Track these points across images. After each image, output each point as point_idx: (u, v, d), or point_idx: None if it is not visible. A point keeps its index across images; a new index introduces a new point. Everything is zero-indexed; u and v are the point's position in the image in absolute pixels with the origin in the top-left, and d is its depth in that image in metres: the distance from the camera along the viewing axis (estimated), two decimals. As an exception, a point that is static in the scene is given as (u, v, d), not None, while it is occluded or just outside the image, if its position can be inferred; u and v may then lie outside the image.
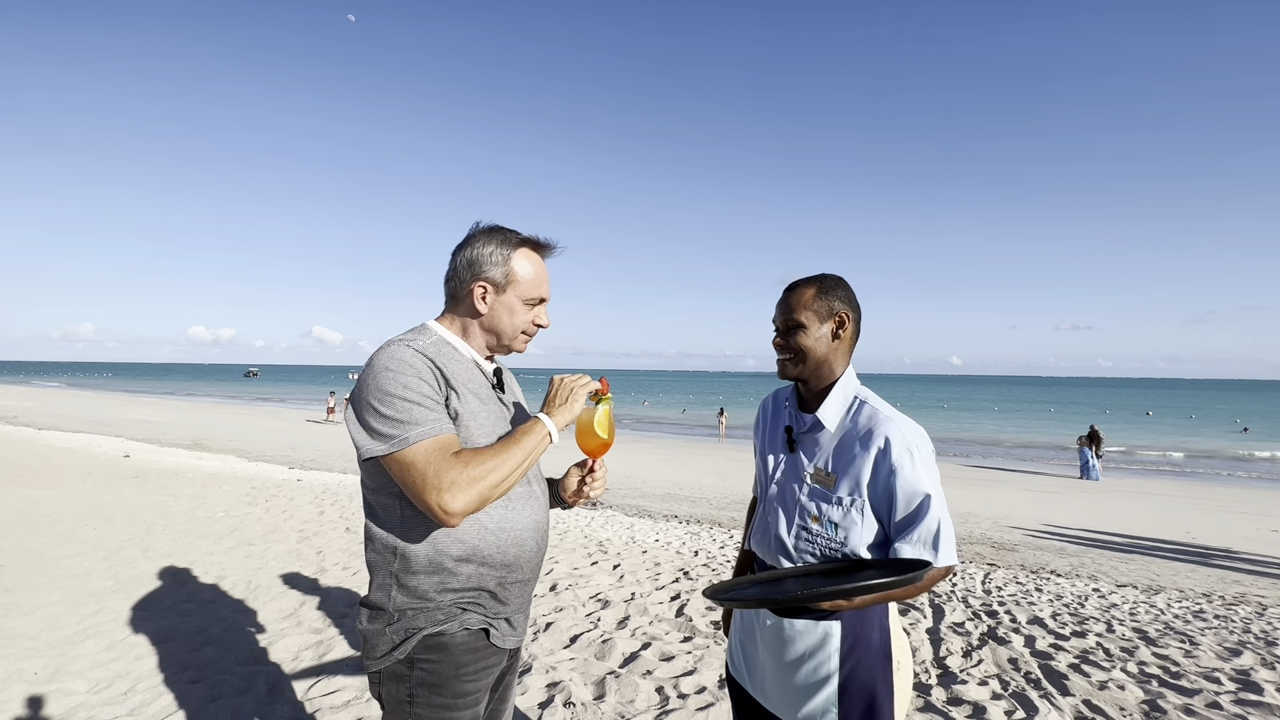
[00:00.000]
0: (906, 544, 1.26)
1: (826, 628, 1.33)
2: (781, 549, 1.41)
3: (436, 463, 1.15)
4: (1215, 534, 9.05)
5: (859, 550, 1.32)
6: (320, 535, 5.46)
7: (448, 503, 1.13)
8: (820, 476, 1.36)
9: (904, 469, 1.27)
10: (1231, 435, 31.81)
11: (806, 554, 1.38)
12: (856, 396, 1.40)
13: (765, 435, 1.56)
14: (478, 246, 1.34)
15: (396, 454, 1.16)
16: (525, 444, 1.25)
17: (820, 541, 1.35)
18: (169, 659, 2.98)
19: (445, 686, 1.24)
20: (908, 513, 1.27)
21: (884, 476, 1.28)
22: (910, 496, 1.27)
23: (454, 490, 1.14)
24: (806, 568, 1.35)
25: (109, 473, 8.63)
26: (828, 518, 1.34)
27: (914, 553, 1.26)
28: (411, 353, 1.24)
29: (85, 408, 25.49)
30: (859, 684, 1.30)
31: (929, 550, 1.25)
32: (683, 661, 3.14)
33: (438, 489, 1.13)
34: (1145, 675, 3.19)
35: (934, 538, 1.25)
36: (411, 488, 1.16)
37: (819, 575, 1.30)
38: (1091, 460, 16.06)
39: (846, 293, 1.41)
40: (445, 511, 1.14)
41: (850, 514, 1.31)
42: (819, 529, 1.35)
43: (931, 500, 1.26)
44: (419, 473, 1.15)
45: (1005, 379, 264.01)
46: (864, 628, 1.33)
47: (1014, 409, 53.14)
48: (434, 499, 1.13)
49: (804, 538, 1.38)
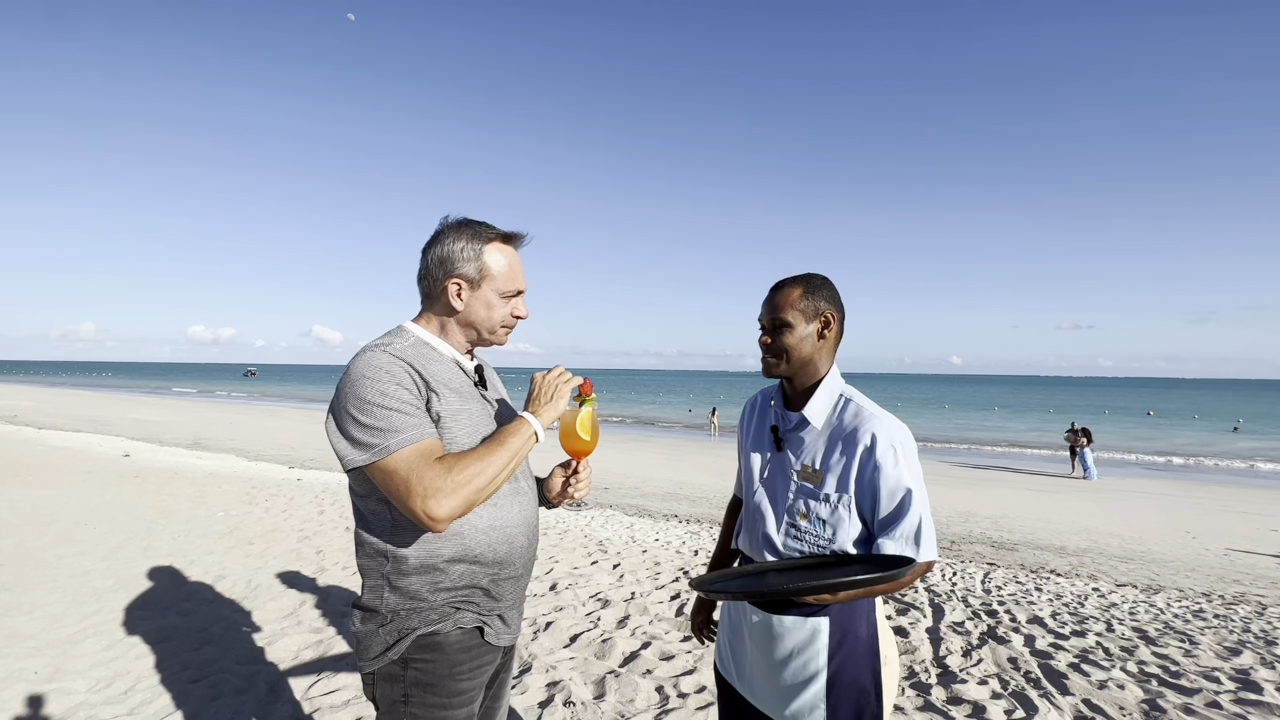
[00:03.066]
0: (890, 540, 1.28)
1: (815, 624, 1.34)
2: (770, 546, 1.43)
3: (419, 470, 1.14)
4: (1215, 534, 9.05)
5: (846, 547, 1.34)
6: (320, 535, 5.46)
7: (432, 509, 1.13)
8: (807, 474, 1.38)
9: (887, 465, 1.29)
10: (1221, 434, 31.79)
11: (795, 551, 1.39)
12: (842, 394, 1.42)
13: (751, 434, 1.58)
14: (448, 243, 1.32)
15: (378, 463, 1.15)
16: (510, 445, 1.24)
17: (809, 538, 1.37)
18: (169, 658, 2.98)
19: (440, 685, 1.24)
20: (891, 509, 1.29)
21: (869, 473, 1.30)
22: (893, 493, 1.29)
23: (438, 496, 1.13)
24: (791, 561, 1.37)
25: (109, 472, 8.63)
26: (815, 515, 1.35)
27: (897, 548, 1.27)
28: (388, 358, 1.22)
29: (85, 407, 25.49)
30: (847, 680, 1.32)
31: (911, 546, 1.27)
32: (682, 661, 3.14)
33: (422, 496, 1.13)
34: (1145, 675, 3.19)
35: (916, 533, 1.27)
36: (395, 495, 1.15)
37: (803, 570, 1.31)
38: (1089, 459, 16.12)
39: (832, 293, 1.43)
40: (431, 518, 1.13)
41: (838, 510, 1.33)
42: (807, 526, 1.37)
43: (913, 496, 1.28)
44: (402, 480, 1.14)
45: (1005, 378, 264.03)
46: (852, 624, 1.34)
47: (1014, 409, 53.13)
48: (418, 506, 1.13)
49: (792, 535, 1.39)
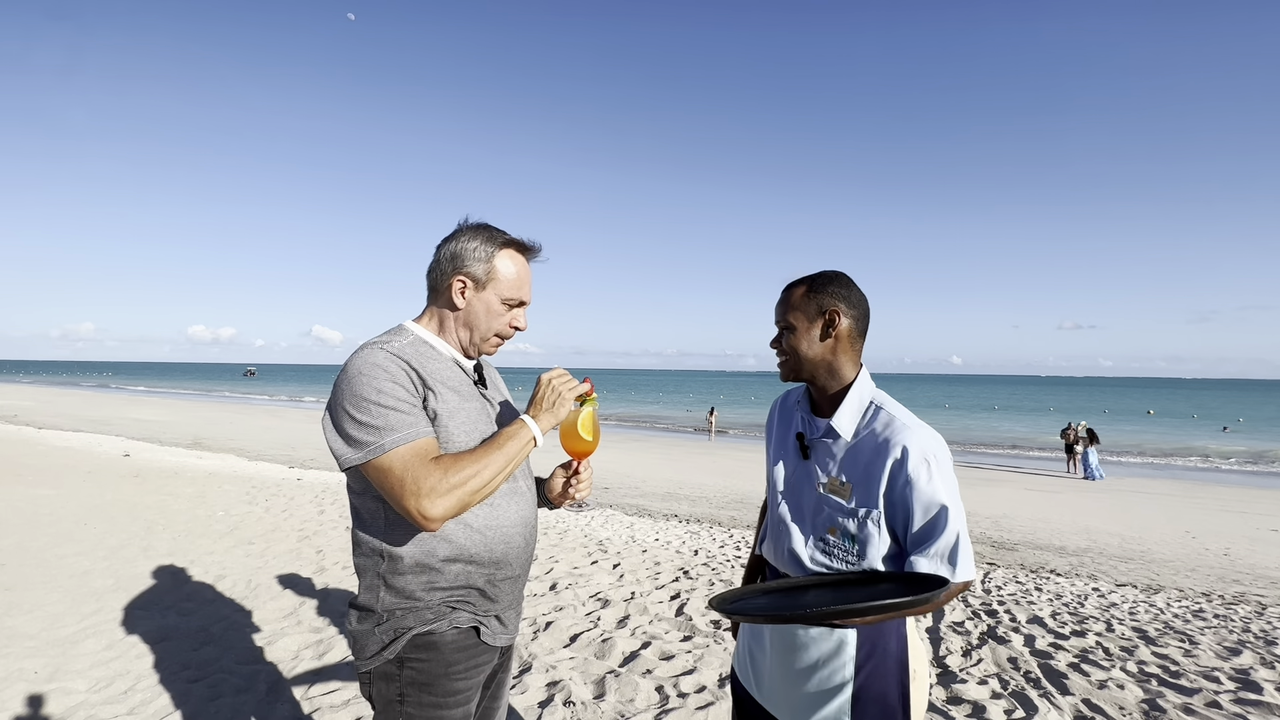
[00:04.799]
0: (923, 558, 1.20)
1: (841, 635, 1.28)
2: (795, 562, 1.36)
3: (415, 469, 1.14)
4: (1215, 534, 9.05)
5: (876, 563, 1.26)
6: (320, 534, 5.46)
7: (427, 509, 1.12)
8: (835, 487, 1.30)
9: (920, 480, 1.20)
10: (1217, 434, 31.75)
11: (822, 567, 1.32)
12: (873, 402, 1.32)
13: (775, 439, 1.49)
14: (463, 241, 1.32)
15: (374, 461, 1.15)
16: (508, 449, 1.23)
17: (837, 554, 1.30)
18: (169, 658, 2.98)
19: (435, 685, 1.23)
20: (924, 525, 1.21)
21: (900, 487, 1.22)
22: (927, 508, 1.20)
23: (433, 496, 1.13)
24: (819, 578, 1.28)
25: (109, 472, 8.63)
26: (844, 530, 1.28)
27: (930, 567, 1.19)
28: (386, 355, 1.21)
29: (85, 407, 25.47)
30: (874, 693, 1.25)
31: (945, 565, 1.18)
32: (682, 660, 3.14)
33: (416, 495, 1.12)
34: (1145, 674, 3.19)
35: (952, 552, 1.18)
36: (390, 494, 1.15)
37: (830, 587, 1.23)
38: (1094, 460, 16.08)
39: (839, 288, 1.33)
40: (425, 517, 1.13)
41: (867, 526, 1.25)
42: (835, 540, 1.29)
43: (949, 513, 1.19)
44: (397, 479, 1.13)
45: (1006, 378, 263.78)
46: (881, 636, 1.28)
47: (1015, 409, 53.11)
48: (413, 505, 1.12)
49: (820, 550, 1.32)
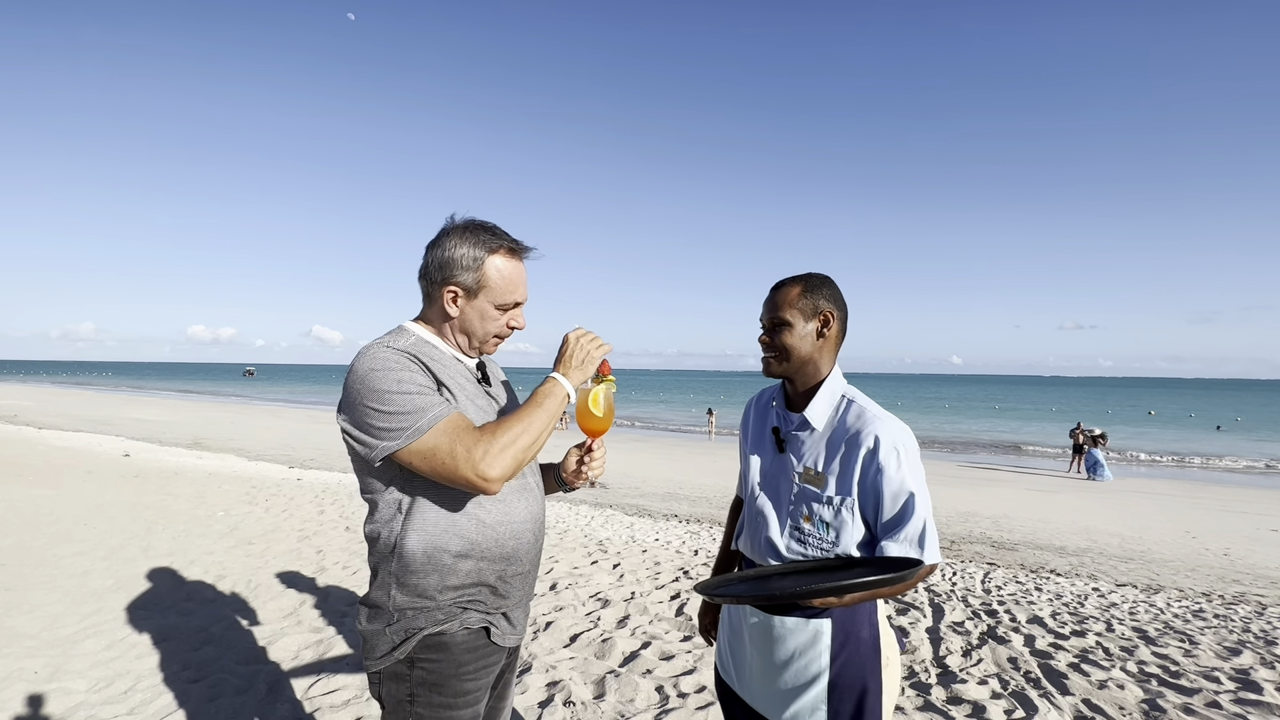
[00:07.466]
0: (894, 543, 1.27)
1: (817, 626, 1.33)
2: (772, 550, 1.41)
3: (462, 438, 1.14)
4: (1215, 534, 9.06)
5: (849, 550, 1.32)
6: (320, 534, 5.46)
7: (485, 470, 1.13)
8: (810, 476, 1.36)
9: (890, 468, 1.27)
10: (1222, 434, 31.74)
11: (798, 554, 1.37)
12: (844, 395, 1.40)
13: (751, 435, 1.56)
14: (450, 247, 1.29)
15: (414, 444, 1.14)
16: (547, 406, 1.25)
17: (812, 541, 1.35)
18: (169, 658, 2.98)
19: (446, 686, 1.24)
20: (894, 512, 1.28)
21: (872, 475, 1.29)
22: (897, 495, 1.27)
23: (488, 459, 1.13)
24: (794, 565, 1.35)
25: (109, 472, 8.63)
26: (819, 517, 1.34)
27: (900, 551, 1.26)
28: (394, 352, 1.22)
29: (85, 407, 25.48)
30: (849, 681, 1.31)
31: (915, 548, 1.25)
32: (682, 660, 3.14)
33: (470, 461, 1.12)
34: (1145, 674, 3.19)
35: (920, 536, 1.26)
36: (442, 470, 1.14)
37: (807, 573, 1.30)
38: (1100, 460, 16.04)
39: (832, 291, 1.41)
40: (485, 479, 1.13)
41: (841, 513, 1.31)
42: (810, 529, 1.35)
43: (917, 499, 1.27)
44: (446, 452, 1.13)
45: (1006, 378, 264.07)
46: (855, 625, 1.33)
47: (1015, 409, 53.12)
48: (469, 471, 1.12)
49: (796, 538, 1.38)
